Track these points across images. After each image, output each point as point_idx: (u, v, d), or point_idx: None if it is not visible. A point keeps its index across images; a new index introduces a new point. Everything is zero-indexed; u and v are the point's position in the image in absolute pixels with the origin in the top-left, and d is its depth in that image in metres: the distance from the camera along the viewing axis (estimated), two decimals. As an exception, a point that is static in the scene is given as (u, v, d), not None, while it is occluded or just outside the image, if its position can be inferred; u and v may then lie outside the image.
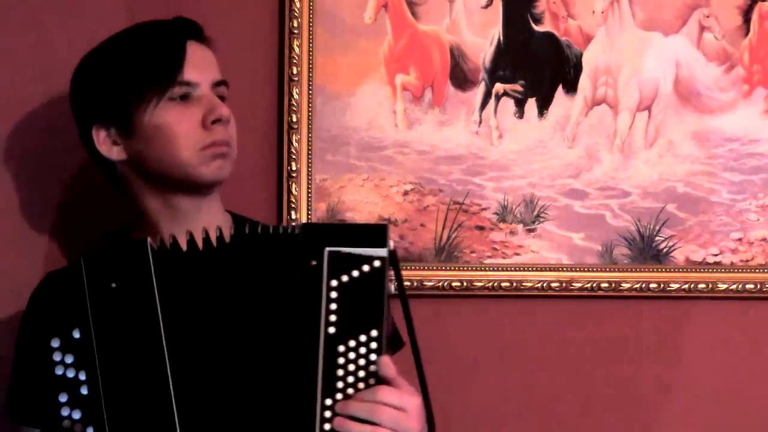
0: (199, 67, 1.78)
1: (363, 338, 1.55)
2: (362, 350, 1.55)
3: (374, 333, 1.55)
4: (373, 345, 1.55)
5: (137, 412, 1.56)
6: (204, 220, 1.75)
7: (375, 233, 1.57)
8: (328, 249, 1.56)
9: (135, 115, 1.75)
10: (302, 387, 1.55)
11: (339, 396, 1.55)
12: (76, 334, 1.57)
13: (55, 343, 1.57)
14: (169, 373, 1.56)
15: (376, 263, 1.55)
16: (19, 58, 2.13)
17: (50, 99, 2.10)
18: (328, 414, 1.54)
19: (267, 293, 1.59)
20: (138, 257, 1.59)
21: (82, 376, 1.57)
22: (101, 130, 1.79)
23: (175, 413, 1.56)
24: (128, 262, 1.59)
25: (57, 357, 1.57)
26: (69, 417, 1.56)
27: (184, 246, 1.62)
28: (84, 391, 1.56)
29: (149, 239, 1.60)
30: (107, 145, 1.79)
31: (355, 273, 1.55)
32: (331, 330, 1.55)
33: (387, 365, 1.55)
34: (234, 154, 1.80)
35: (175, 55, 1.76)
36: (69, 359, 1.57)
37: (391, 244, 1.57)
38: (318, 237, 1.58)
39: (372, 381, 1.55)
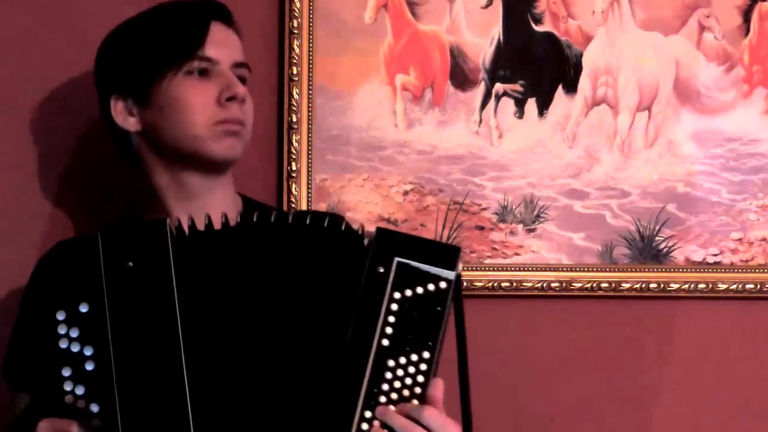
0: (221, 45, 1.79)
1: (414, 357, 1.51)
2: (411, 369, 1.51)
3: (426, 355, 1.51)
4: (423, 367, 1.51)
5: (149, 394, 1.52)
6: (213, 201, 1.75)
7: (447, 254, 1.54)
8: (397, 259, 1.52)
9: (152, 85, 1.76)
10: (344, 393, 1.50)
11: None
12: (84, 309, 1.53)
13: (61, 315, 1.53)
14: (183, 357, 1.53)
15: (442, 284, 1.52)
16: (18, 50, 2.13)
17: (48, 93, 2.12)
18: (365, 426, 1.50)
19: (317, 290, 1.56)
20: (157, 237, 1.55)
21: (88, 351, 1.53)
22: (119, 100, 1.80)
23: (188, 398, 1.52)
24: (147, 242, 1.55)
25: (62, 330, 1.53)
26: (72, 392, 1.52)
27: (200, 228, 1.59)
28: (89, 366, 1.53)
29: (168, 220, 1.58)
30: (123, 116, 1.80)
31: (420, 290, 1.52)
32: (385, 342, 1.51)
33: (438, 387, 1.52)
34: (248, 135, 1.80)
35: (198, 31, 1.77)
36: (74, 333, 1.53)
37: (459, 267, 1.53)
38: (390, 245, 1.53)
39: (415, 402, 1.51)
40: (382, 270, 1.52)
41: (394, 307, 1.51)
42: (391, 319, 1.51)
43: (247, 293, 1.57)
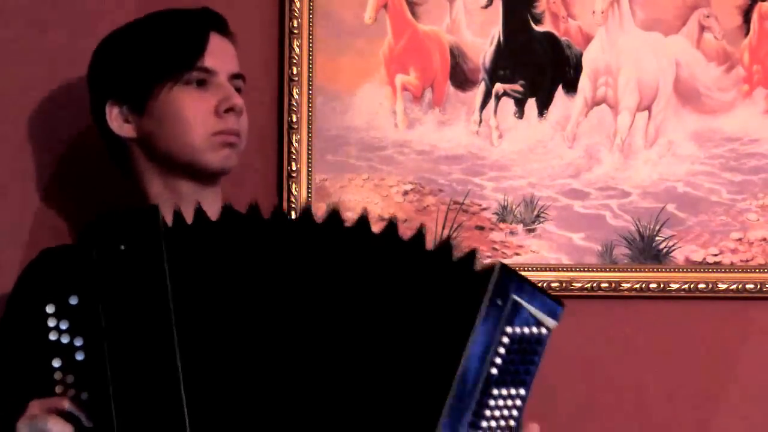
0: (219, 56, 1.80)
1: (513, 392, 1.57)
2: (509, 402, 1.56)
3: (522, 392, 1.57)
4: (518, 402, 1.57)
5: (142, 378, 1.51)
6: (205, 209, 1.75)
7: (554, 304, 1.61)
8: (513, 296, 1.58)
9: (150, 94, 1.76)
10: (454, 410, 1.54)
11: None
12: (73, 301, 1.53)
13: (50, 308, 1.53)
14: (175, 341, 1.52)
15: (544, 330, 1.59)
16: (18, 50, 2.13)
17: (51, 91, 2.12)
18: None
19: (411, 309, 1.57)
20: (149, 222, 1.55)
21: (78, 342, 1.53)
22: (115, 106, 1.80)
23: (182, 385, 1.51)
24: (139, 226, 1.55)
25: (51, 323, 1.53)
26: (62, 381, 1.53)
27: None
28: (79, 356, 1.53)
29: (159, 206, 1.57)
30: (119, 122, 1.80)
31: (526, 330, 1.58)
32: (494, 371, 1.56)
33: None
34: (242, 146, 1.82)
35: (197, 42, 1.78)
36: (64, 325, 1.53)
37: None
38: (509, 281, 1.59)
39: None
40: (500, 303, 1.57)
41: (505, 340, 1.57)
42: (501, 350, 1.56)
43: (266, 290, 1.56)
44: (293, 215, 2.12)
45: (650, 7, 2.20)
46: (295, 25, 2.14)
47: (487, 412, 1.55)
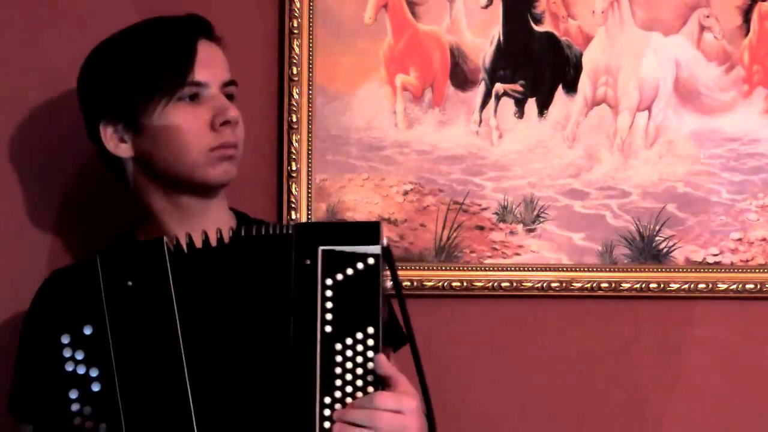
0: (209, 66, 1.77)
1: (360, 336, 1.56)
2: (359, 348, 1.56)
3: (371, 330, 1.56)
4: (370, 342, 1.56)
5: (153, 409, 1.55)
6: (210, 220, 1.75)
7: (368, 231, 1.58)
8: (321, 248, 1.57)
9: (143, 113, 1.74)
10: (301, 386, 1.55)
11: (338, 394, 1.55)
12: (88, 331, 1.56)
13: (66, 339, 1.56)
14: (185, 370, 1.56)
15: (370, 260, 1.57)
16: (21, 56, 2.13)
17: (52, 96, 2.11)
18: (327, 412, 1.55)
19: (263, 293, 1.59)
20: (154, 256, 1.58)
21: (94, 373, 1.56)
22: (109, 126, 1.78)
23: (192, 408, 1.55)
24: (145, 261, 1.58)
25: (67, 353, 1.56)
26: (80, 413, 1.55)
27: (196, 245, 1.62)
28: (95, 387, 1.56)
29: (165, 238, 1.60)
30: (114, 142, 1.78)
31: (350, 271, 1.57)
32: (328, 329, 1.56)
33: (383, 364, 1.56)
34: (240, 155, 1.80)
35: (186, 56, 1.75)
36: (79, 355, 1.56)
37: (385, 240, 1.58)
38: (311, 236, 1.58)
39: (370, 378, 1.56)
40: (309, 262, 1.57)
41: (329, 293, 1.57)
42: (329, 305, 1.56)
43: (221, 307, 1.60)
44: (293, 215, 2.13)
45: (650, 7, 2.20)
46: (295, 25, 2.14)
47: (338, 370, 1.55)
